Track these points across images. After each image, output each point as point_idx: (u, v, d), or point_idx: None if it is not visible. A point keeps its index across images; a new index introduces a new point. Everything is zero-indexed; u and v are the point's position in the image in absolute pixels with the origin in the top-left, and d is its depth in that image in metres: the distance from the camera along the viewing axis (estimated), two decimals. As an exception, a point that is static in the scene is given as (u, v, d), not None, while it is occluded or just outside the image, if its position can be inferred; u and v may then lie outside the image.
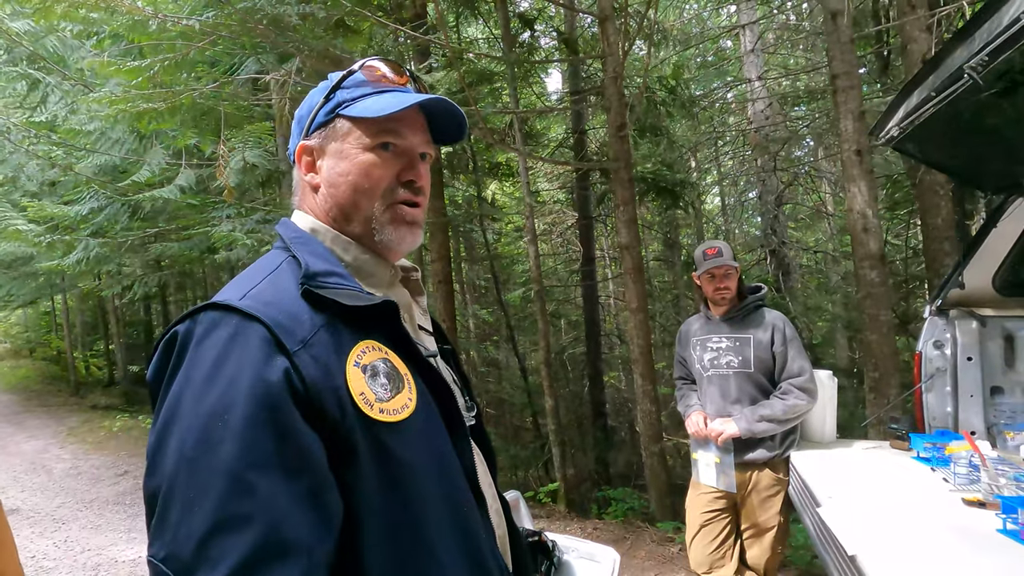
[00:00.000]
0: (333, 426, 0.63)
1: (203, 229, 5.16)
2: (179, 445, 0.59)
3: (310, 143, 0.82)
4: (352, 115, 0.79)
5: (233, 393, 0.60)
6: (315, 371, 0.63)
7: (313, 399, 0.62)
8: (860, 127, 3.81)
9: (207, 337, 0.63)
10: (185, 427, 0.60)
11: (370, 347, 0.70)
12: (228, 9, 3.03)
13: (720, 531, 2.40)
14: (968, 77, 1.65)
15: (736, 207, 10.83)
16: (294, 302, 0.68)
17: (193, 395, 0.61)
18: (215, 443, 0.58)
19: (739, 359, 2.39)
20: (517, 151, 5.47)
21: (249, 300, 0.67)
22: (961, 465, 1.84)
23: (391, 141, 0.79)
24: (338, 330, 0.69)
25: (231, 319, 0.64)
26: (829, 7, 3.90)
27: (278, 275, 0.73)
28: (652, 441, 4.65)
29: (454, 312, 6.67)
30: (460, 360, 1.01)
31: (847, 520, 1.64)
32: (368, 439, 0.65)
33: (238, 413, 0.59)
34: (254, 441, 0.58)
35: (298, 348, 0.64)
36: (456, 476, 0.75)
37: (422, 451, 0.70)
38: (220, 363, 0.61)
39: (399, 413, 0.69)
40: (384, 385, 0.69)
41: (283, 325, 0.64)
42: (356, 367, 0.67)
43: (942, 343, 2.43)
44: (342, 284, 0.72)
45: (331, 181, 0.80)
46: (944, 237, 4.37)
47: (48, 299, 13.46)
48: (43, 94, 5.53)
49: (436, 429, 0.74)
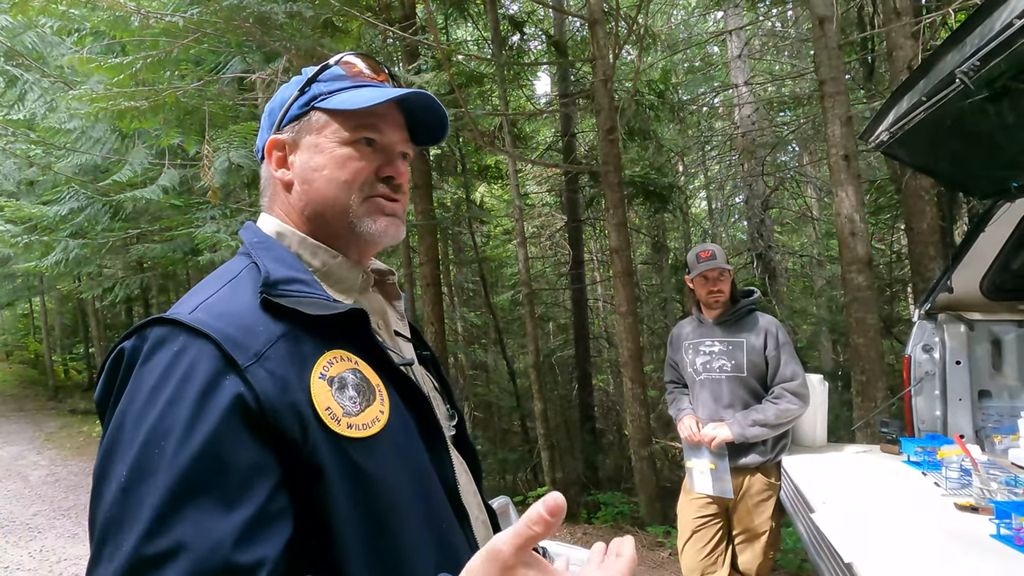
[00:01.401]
0: (292, 444, 0.59)
1: (186, 230, 5.06)
2: (118, 473, 0.55)
3: (282, 137, 0.78)
4: (330, 108, 0.75)
5: (171, 419, 0.56)
6: (270, 386, 0.59)
7: (268, 416, 0.58)
8: (847, 132, 3.84)
9: (151, 357, 0.59)
10: (124, 454, 0.56)
11: (338, 357, 0.66)
12: (214, 6, 2.97)
13: (712, 536, 2.38)
14: (959, 82, 1.66)
15: (723, 211, 10.92)
16: (250, 313, 0.64)
17: (133, 420, 0.57)
18: (149, 473, 0.54)
19: (732, 363, 2.38)
20: (506, 153, 5.45)
21: (200, 313, 0.63)
22: (952, 469, 1.84)
23: (371, 136, 0.76)
24: (300, 341, 0.64)
25: (178, 336, 0.60)
26: (817, 13, 3.93)
27: (236, 284, 0.69)
28: (641, 445, 4.64)
29: (442, 315, 6.62)
30: (441, 366, 0.97)
31: (842, 526, 1.63)
32: (336, 455, 0.61)
33: (175, 439, 0.55)
34: (190, 471, 0.54)
35: (251, 363, 0.59)
36: (434, 491, 0.71)
37: (396, 466, 0.66)
38: (161, 386, 0.57)
39: (369, 428, 0.65)
40: (352, 398, 0.65)
41: (234, 339, 0.60)
42: (322, 379, 0.63)
43: (931, 347, 2.44)
44: (305, 292, 0.68)
45: (305, 177, 0.76)
46: (929, 242, 4.43)
47: (26, 301, 13.16)
48: (21, 91, 5.40)
49: (411, 442, 0.71)
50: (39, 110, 5.39)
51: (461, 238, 10.04)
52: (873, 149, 2.28)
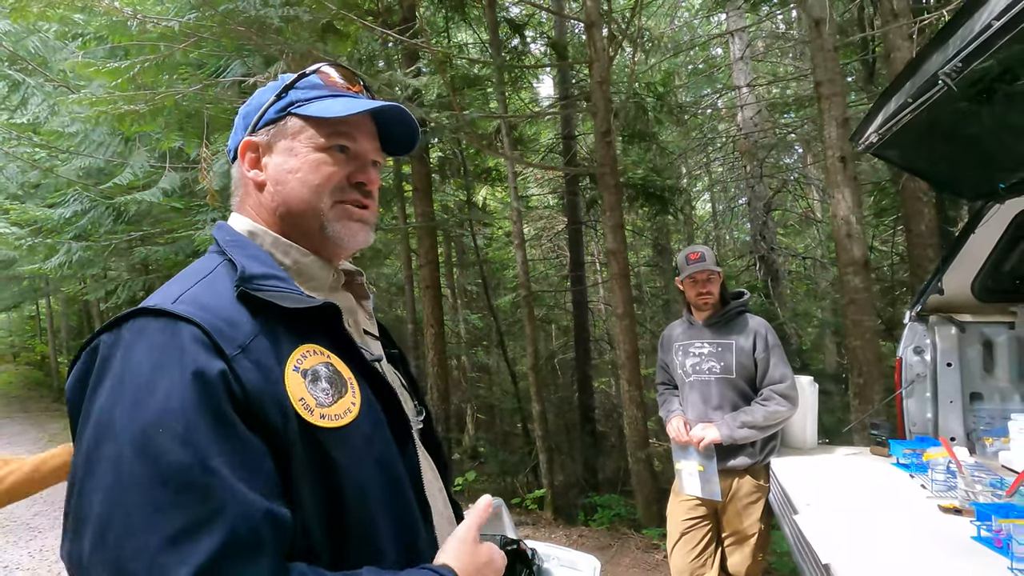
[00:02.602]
0: (274, 432, 0.61)
1: (187, 233, 5.10)
2: (117, 461, 0.56)
3: (256, 139, 0.80)
4: (306, 114, 0.78)
5: (173, 399, 0.57)
6: (255, 377, 0.61)
7: (253, 405, 0.60)
8: (844, 134, 3.83)
9: (137, 343, 0.60)
10: (123, 443, 0.56)
11: (311, 351, 0.69)
12: (209, 11, 3.00)
13: (701, 539, 2.38)
14: (942, 84, 1.65)
15: (726, 213, 10.89)
16: (231, 306, 0.66)
17: (127, 407, 0.57)
18: (161, 454, 0.55)
19: (721, 365, 2.37)
20: (505, 156, 5.47)
21: (183, 304, 0.64)
22: (938, 472, 1.83)
23: (345, 144, 0.79)
24: (277, 334, 0.67)
25: (163, 323, 0.61)
26: (812, 15, 3.93)
27: (213, 279, 0.70)
28: (638, 447, 4.64)
29: (441, 317, 6.64)
30: (409, 364, 0.99)
31: (823, 528, 1.62)
32: (308, 445, 0.64)
33: (181, 419, 0.56)
34: (204, 442, 0.56)
35: (237, 353, 0.61)
36: (402, 483, 0.73)
37: (364, 457, 0.69)
38: (156, 369, 0.58)
39: (341, 418, 0.67)
40: (325, 390, 0.67)
41: (221, 330, 0.62)
42: (296, 372, 0.66)
43: (922, 349, 2.43)
44: (280, 287, 0.70)
45: (278, 178, 0.78)
46: (928, 243, 4.41)
47: (32, 303, 13.28)
48: (24, 95, 5.46)
49: (381, 435, 0.73)
50: (42, 114, 5.46)
51: (463, 240, 10.06)
52: (862, 151, 2.28)
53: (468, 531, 0.76)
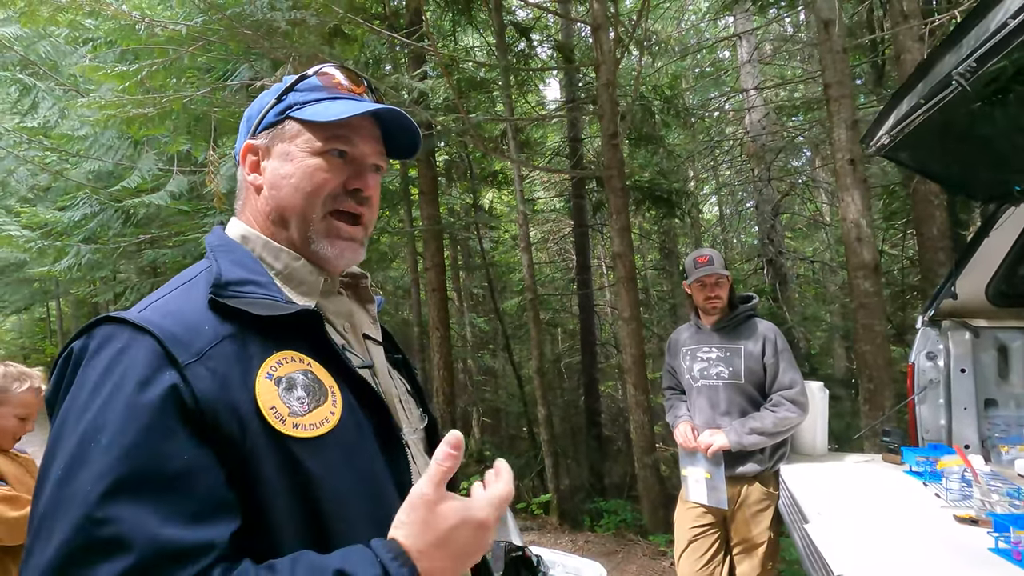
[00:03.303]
0: (230, 442, 0.60)
1: (194, 236, 5.12)
2: (56, 467, 0.56)
3: (256, 142, 0.79)
4: (303, 118, 0.76)
5: (110, 411, 0.57)
6: (209, 385, 0.60)
7: (206, 413, 0.59)
8: (853, 136, 3.79)
9: (97, 353, 0.61)
10: (64, 448, 0.57)
11: (289, 358, 0.67)
12: (217, 15, 3.01)
13: (709, 547, 2.34)
14: (956, 84, 1.62)
15: (734, 217, 10.83)
16: (198, 313, 0.65)
17: (74, 417, 0.58)
18: (85, 464, 0.55)
19: (729, 370, 2.34)
20: (511, 159, 5.46)
21: (148, 312, 0.65)
22: (953, 480, 1.79)
23: (342, 148, 0.77)
24: (247, 341, 0.65)
25: (123, 333, 0.61)
26: (821, 16, 3.90)
27: (192, 285, 0.70)
28: (645, 452, 4.60)
29: (447, 320, 6.63)
30: (414, 369, 0.97)
31: (835, 537, 1.59)
32: (278, 455, 0.62)
33: (111, 432, 0.56)
34: (124, 462, 0.55)
35: (191, 360, 0.60)
36: (386, 494, 0.71)
37: (343, 468, 0.66)
38: (103, 380, 0.59)
39: (316, 428, 0.65)
40: (301, 398, 0.65)
41: (177, 337, 0.61)
42: (268, 379, 0.64)
43: (935, 354, 2.39)
44: (257, 293, 0.69)
45: (273, 183, 0.77)
46: (939, 247, 4.35)
47: (42, 305, 13.40)
48: (34, 99, 5.52)
49: (364, 444, 0.70)
50: (52, 118, 5.51)
51: (470, 244, 10.06)
52: (874, 153, 2.24)
53: (422, 493, 0.60)
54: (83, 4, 2.76)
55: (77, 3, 2.75)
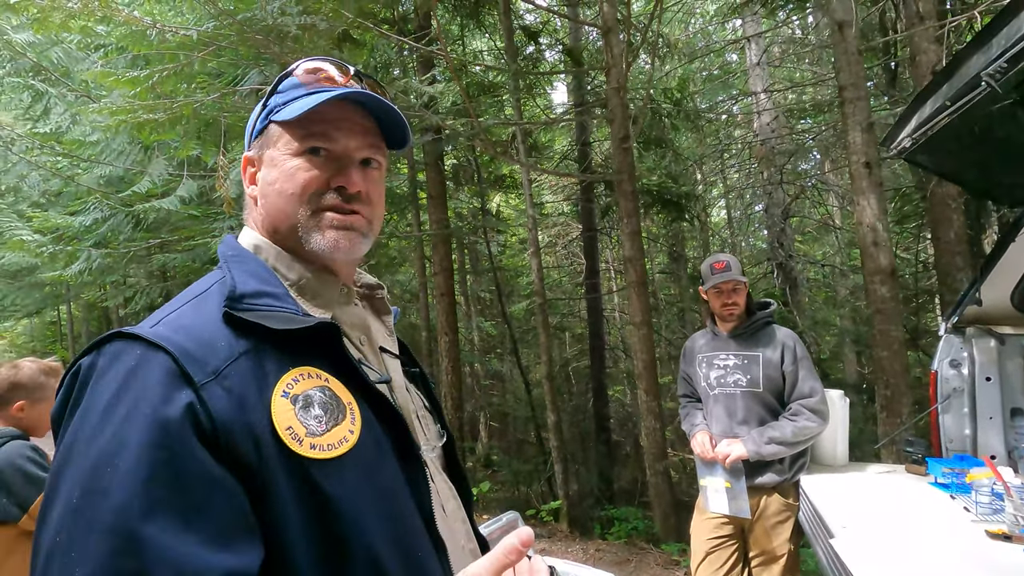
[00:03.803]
0: (247, 465, 0.57)
1: (204, 240, 5.13)
2: (67, 494, 0.53)
3: (250, 154, 0.77)
4: (280, 119, 0.73)
5: (125, 434, 0.53)
6: (226, 405, 0.57)
7: (221, 436, 0.56)
8: (868, 139, 3.74)
9: (108, 371, 0.57)
10: (75, 473, 0.53)
11: (306, 374, 0.64)
12: (227, 20, 3.01)
13: (727, 559, 2.29)
14: (985, 85, 1.58)
15: (742, 220, 10.75)
16: (212, 328, 0.62)
17: (86, 437, 0.55)
18: (102, 492, 0.52)
19: (747, 378, 2.29)
20: (520, 163, 5.43)
21: (162, 327, 0.61)
22: (983, 494, 1.73)
23: (320, 145, 0.72)
24: (263, 357, 0.62)
25: (135, 349, 0.58)
26: (836, 18, 3.85)
27: (205, 297, 0.66)
28: (656, 459, 4.54)
29: (456, 324, 6.61)
30: (431, 383, 0.93)
31: (862, 553, 1.54)
32: (294, 478, 0.59)
33: (129, 457, 0.52)
34: (146, 488, 0.52)
35: (208, 380, 0.57)
36: (408, 516, 0.68)
37: (362, 488, 0.63)
38: (116, 400, 0.55)
39: (335, 448, 0.62)
40: (318, 417, 0.62)
41: (192, 354, 0.58)
42: (284, 398, 0.61)
43: (959, 362, 2.33)
44: (273, 306, 0.66)
45: (263, 192, 0.74)
46: (956, 251, 4.27)
47: (53, 309, 13.50)
48: (46, 105, 5.56)
49: (384, 464, 0.67)
50: (64, 123, 5.55)
51: (477, 247, 10.04)
52: (895, 156, 2.19)
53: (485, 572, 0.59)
54: (95, 10, 2.77)
55: (89, 9, 2.76)
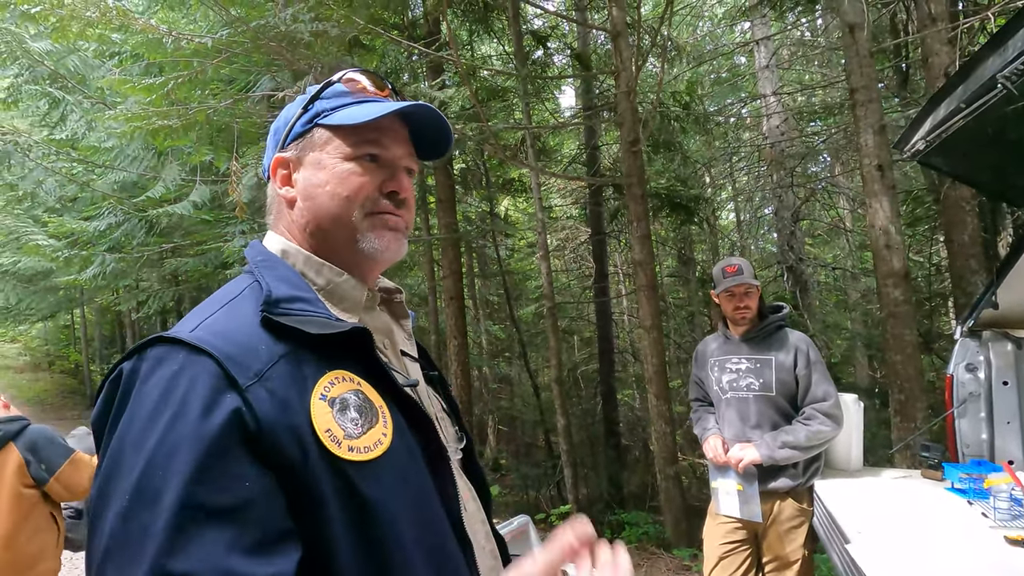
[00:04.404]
0: (291, 467, 0.57)
1: (216, 245, 5.18)
2: (119, 500, 0.53)
3: (286, 155, 0.77)
4: (332, 124, 0.75)
5: (174, 438, 0.54)
6: (270, 407, 0.58)
7: (266, 438, 0.57)
8: (881, 141, 3.72)
9: (152, 375, 0.58)
10: (124, 480, 0.54)
11: (340, 378, 0.64)
12: (241, 27, 3.05)
13: (740, 564, 2.27)
14: (1001, 87, 1.57)
15: (752, 223, 10.70)
16: (251, 332, 0.63)
17: (133, 442, 0.55)
18: (152, 497, 0.52)
19: (760, 382, 2.28)
20: (529, 167, 5.45)
21: (201, 331, 0.61)
22: (1002, 499, 1.71)
23: (373, 152, 0.75)
24: (301, 361, 0.63)
25: (178, 354, 0.59)
26: (847, 20, 3.83)
27: (239, 302, 0.67)
28: (667, 463, 4.52)
29: (465, 328, 6.62)
30: (449, 387, 0.94)
31: (879, 559, 1.53)
32: (335, 479, 0.59)
33: (179, 461, 0.53)
34: (195, 492, 0.52)
35: (251, 382, 0.58)
36: (438, 519, 0.68)
37: (397, 492, 0.64)
38: (162, 404, 0.56)
39: (371, 451, 0.62)
40: (355, 420, 0.63)
41: (234, 358, 0.59)
42: (322, 401, 0.62)
43: (975, 366, 2.30)
44: (307, 311, 0.67)
45: (308, 193, 0.75)
46: (970, 254, 4.23)
47: (67, 313, 13.67)
48: (63, 112, 5.65)
49: (415, 467, 0.68)
50: (80, 130, 5.64)
51: (486, 251, 10.06)
52: (909, 159, 2.18)
53: None
54: (112, 19, 2.81)
55: (107, 18, 2.81)
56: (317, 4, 3.36)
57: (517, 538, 2.62)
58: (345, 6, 3.50)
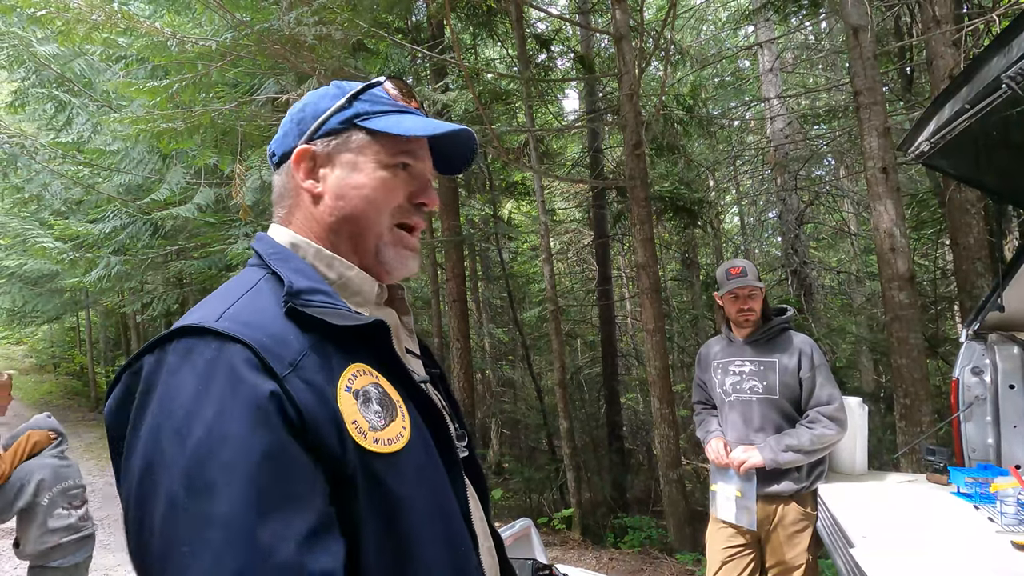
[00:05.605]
0: (332, 457, 0.57)
1: (220, 247, 5.20)
2: (169, 493, 0.52)
3: (315, 148, 0.75)
4: (376, 128, 0.74)
5: (224, 426, 0.53)
6: (309, 397, 0.57)
7: (309, 429, 0.56)
8: (885, 144, 3.70)
9: (183, 364, 0.56)
10: (173, 472, 0.52)
11: (360, 371, 0.64)
12: (246, 31, 3.07)
13: (743, 568, 2.26)
14: (1006, 88, 1.56)
15: (756, 227, 10.67)
16: (277, 322, 0.62)
17: (175, 432, 0.53)
18: (211, 488, 0.51)
19: (763, 384, 2.27)
20: (532, 170, 5.45)
21: (227, 321, 0.59)
22: (1008, 503, 1.69)
23: (408, 162, 0.76)
24: (327, 352, 0.62)
25: (210, 343, 0.57)
26: (851, 23, 3.82)
27: (256, 294, 0.66)
28: (670, 467, 4.50)
29: (468, 331, 6.62)
30: (449, 384, 0.94)
31: (883, 563, 1.51)
32: (363, 471, 0.59)
33: (231, 449, 0.52)
34: (256, 480, 0.52)
35: (288, 372, 0.57)
36: (452, 513, 0.68)
37: (417, 485, 0.63)
38: (203, 392, 0.54)
39: (393, 443, 0.62)
40: (377, 412, 0.62)
41: (268, 348, 0.57)
42: (348, 392, 0.61)
43: (981, 369, 2.29)
44: (328, 303, 0.66)
45: (340, 192, 0.74)
46: (976, 257, 4.21)
47: (72, 315, 13.73)
48: (69, 115, 5.69)
49: (432, 461, 0.68)
50: (86, 133, 5.67)
51: (489, 254, 10.07)
52: (913, 160, 2.17)
53: None
54: (118, 22, 2.83)
55: (112, 21, 2.82)
56: (321, 8, 3.38)
57: (519, 541, 2.62)
58: (349, 10, 3.51)
